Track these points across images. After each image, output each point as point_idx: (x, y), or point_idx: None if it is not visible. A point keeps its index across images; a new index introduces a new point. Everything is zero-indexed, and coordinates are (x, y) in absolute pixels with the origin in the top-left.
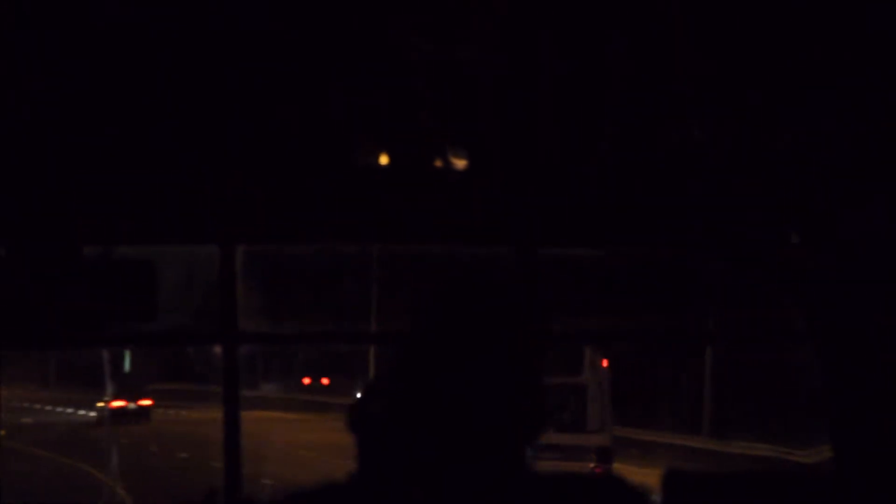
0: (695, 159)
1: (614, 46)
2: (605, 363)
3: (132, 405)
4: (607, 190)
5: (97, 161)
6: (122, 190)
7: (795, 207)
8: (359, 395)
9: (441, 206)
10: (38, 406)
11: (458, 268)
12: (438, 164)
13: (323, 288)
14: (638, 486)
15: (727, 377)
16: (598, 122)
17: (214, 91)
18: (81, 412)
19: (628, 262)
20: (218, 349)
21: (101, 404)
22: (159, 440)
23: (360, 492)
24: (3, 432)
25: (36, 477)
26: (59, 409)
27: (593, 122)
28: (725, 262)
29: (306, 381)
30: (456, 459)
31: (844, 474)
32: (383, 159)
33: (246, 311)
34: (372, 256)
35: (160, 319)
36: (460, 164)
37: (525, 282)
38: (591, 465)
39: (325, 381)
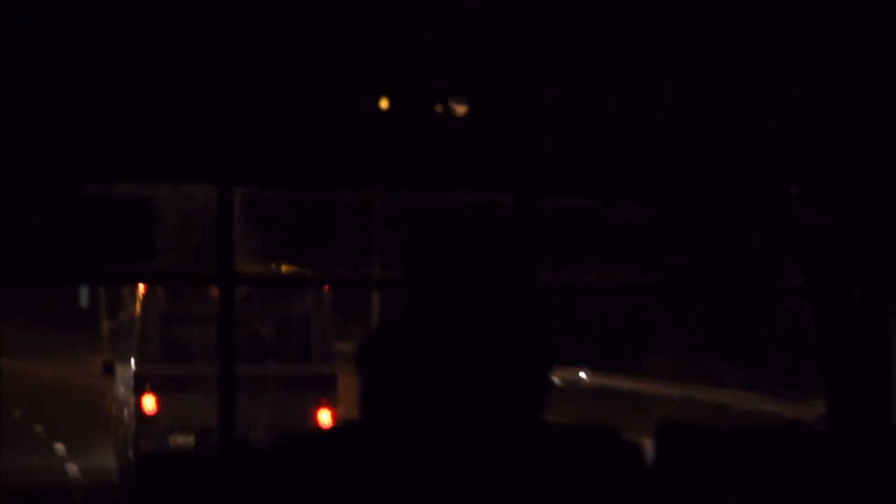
0: (698, 111)
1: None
2: (325, 289)
3: None
4: (611, 138)
5: (96, 98)
6: (120, 128)
7: (798, 163)
8: (367, 337)
9: (441, 152)
10: None
11: (458, 217)
12: (439, 109)
13: (323, 231)
14: (631, 438)
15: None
16: (602, 70)
17: (214, 30)
18: None
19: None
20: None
21: None
22: None
23: (356, 437)
24: None
25: None
26: None
27: (597, 69)
28: (725, 218)
29: None
30: (460, 409)
31: (839, 430)
32: (383, 103)
33: (244, 253)
34: (373, 200)
35: (158, 259)
36: (460, 109)
37: (524, 230)
38: (316, 394)
39: None
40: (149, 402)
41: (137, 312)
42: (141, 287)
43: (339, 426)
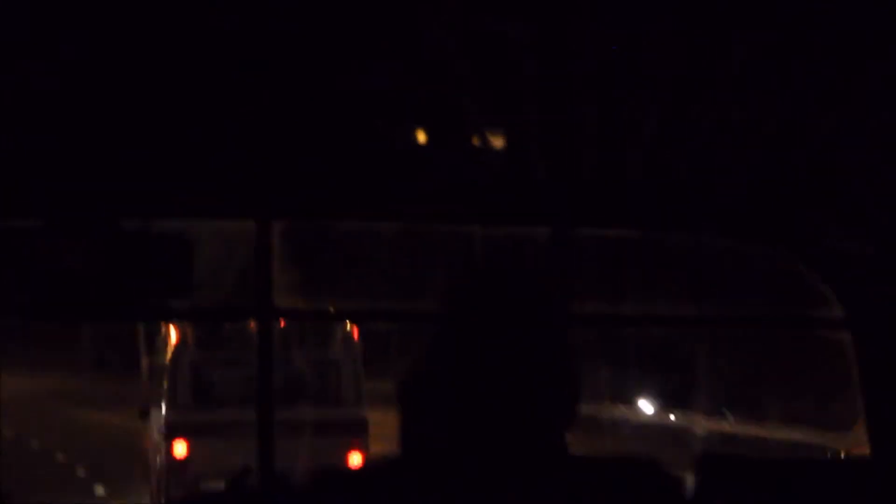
0: (735, 143)
1: (656, 27)
2: (356, 334)
3: None
4: (648, 172)
5: (135, 134)
6: (159, 164)
7: (835, 194)
8: (407, 373)
9: (478, 185)
10: None
11: (495, 250)
12: (476, 141)
13: (361, 265)
14: (672, 470)
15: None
16: (639, 103)
17: (253, 65)
18: None
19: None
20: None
21: None
22: None
23: (396, 473)
24: None
25: None
26: None
27: (634, 102)
28: (764, 252)
29: None
30: (492, 443)
31: (882, 461)
32: (421, 136)
33: (282, 287)
34: (411, 233)
35: (196, 294)
36: (498, 142)
37: (560, 263)
38: (347, 437)
39: None
40: (179, 448)
41: (168, 358)
42: (172, 332)
43: (379, 461)
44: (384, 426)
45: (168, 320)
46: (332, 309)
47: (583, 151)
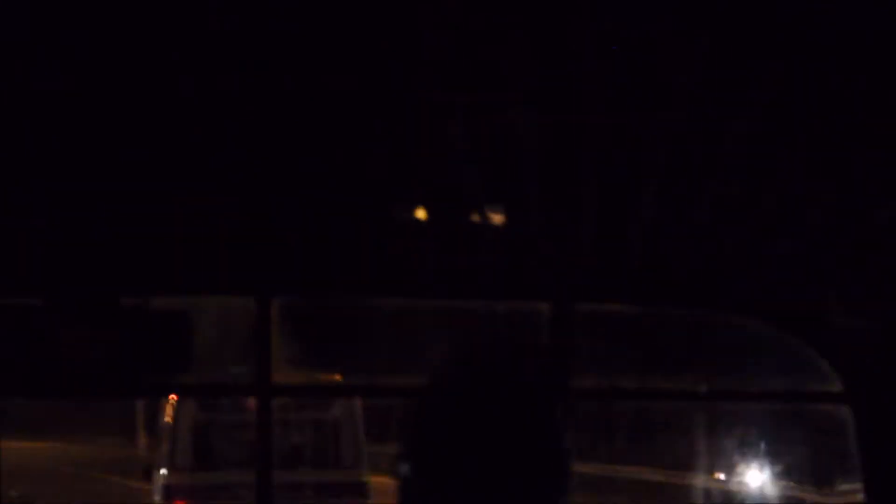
0: (735, 218)
1: (656, 100)
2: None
3: None
4: (647, 247)
5: (132, 211)
6: (159, 240)
7: (836, 269)
8: (404, 439)
9: (477, 261)
10: None
11: (491, 324)
12: (476, 218)
13: (361, 340)
14: None
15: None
16: (638, 179)
17: (250, 142)
18: None
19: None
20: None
21: None
22: None
23: None
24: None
25: None
26: None
27: (633, 178)
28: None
29: None
30: None
31: None
32: (420, 213)
33: (280, 362)
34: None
35: (195, 369)
36: (497, 218)
37: (561, 338)
38: (347, 501)
39: None
40: None
41: (168, 420)
42: (173, 395)
43: None
44: (386, 491)
45: (168, 395)
46: (330, 383)
47: (582, 228)
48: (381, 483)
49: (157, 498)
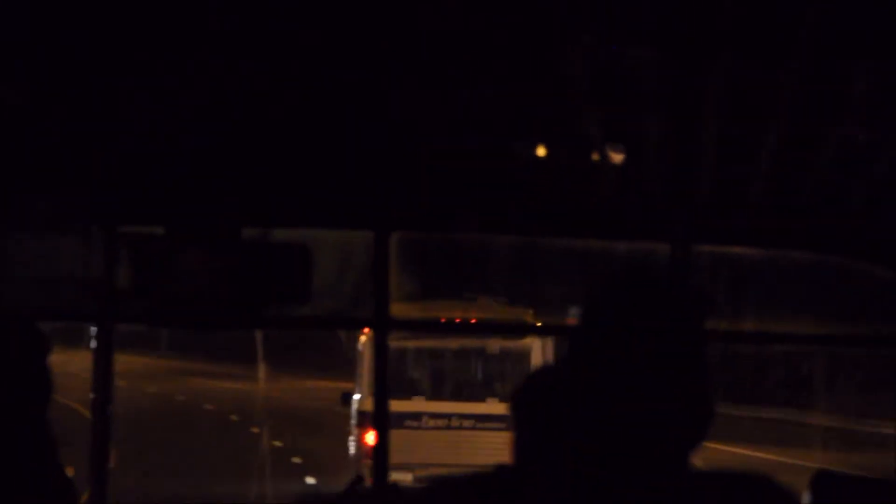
0: (859, 162)
1: (783, 40)
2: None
3: None
4: (771, 189)
5: (258, 144)
6: (280, 174)
7: None
8: (522, 382)
9: (597, 200)
10: None
11: (631, 263)
12: (595, 157)
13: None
14: (787, 485)
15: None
16: (763, 120)
17: (374, 78)
18: None
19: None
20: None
21: None
22: None
23: (508, 483)
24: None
25: None
26: None
27: (758, 119)
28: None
29: None
30: (616, 460)
31: None
32: (540, 150)
33: (398, 297)
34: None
35: (314, 303)
36: (617, 158)
37: (679, 279)
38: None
39: None
40: (371, 438)
41: (363, 347)
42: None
43: (492, 470)
44: None
45: (286, 329)
46: (449, 320)
47: (704, 168)
48: None
49: (352, 423)
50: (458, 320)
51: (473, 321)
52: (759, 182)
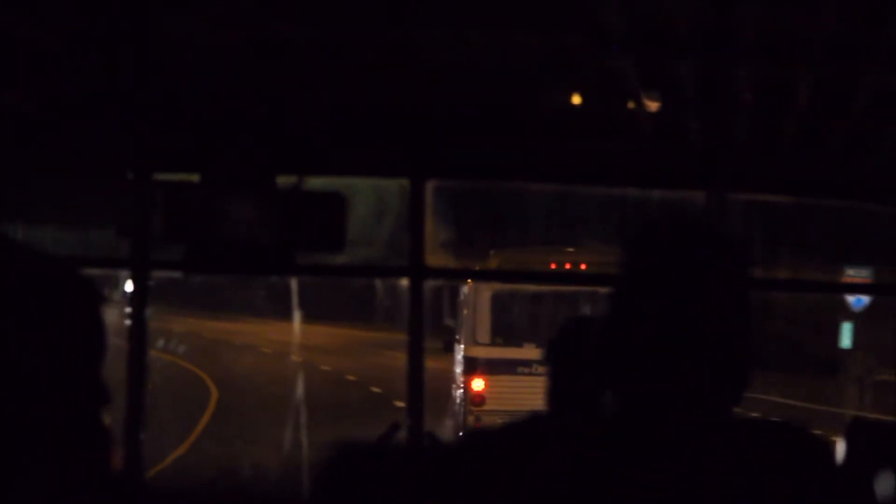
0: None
1: None
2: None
3: None
4: (803, 138)
5: (292, 93)
6: (317, 122)
7: None
8: (557, 331)
9: (632, 148)
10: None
11: (671, 209)
12: (631, 105)
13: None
14: (821, 435)
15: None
16: (795, 69)
17: (405, 27)
18: None
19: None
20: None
21: None
22: None
23: (543, 431)
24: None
25: None
26: None
27: (790, 68)
28: None
29: None
30: (656, 408)
31: None
32: (575, 99)
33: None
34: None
35: (349, 252)
36: (653, 106)
37: (718, 224)
38: None
39: None
40: (476, 385)
41: (468, 294)
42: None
43: (526, 417)
44: None
45: (321, 276)
46: (483, 268)
47: (737, 117)
48: None
49: (456, 370)
50: (583, 266)
51: (565, 268)
52: (792, 129)
